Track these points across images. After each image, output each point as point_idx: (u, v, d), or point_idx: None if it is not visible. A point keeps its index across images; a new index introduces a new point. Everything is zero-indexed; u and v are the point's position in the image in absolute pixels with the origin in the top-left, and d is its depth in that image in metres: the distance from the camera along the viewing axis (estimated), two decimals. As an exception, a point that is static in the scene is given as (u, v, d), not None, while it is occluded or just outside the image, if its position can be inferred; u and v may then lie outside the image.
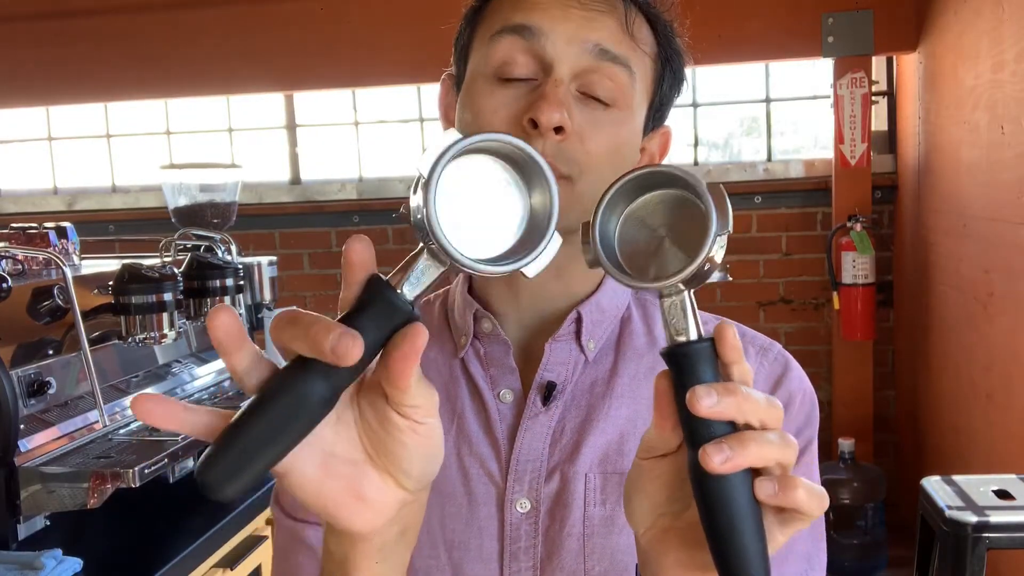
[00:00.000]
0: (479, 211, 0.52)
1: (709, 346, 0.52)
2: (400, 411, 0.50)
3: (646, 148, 0.81)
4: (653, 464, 0.55)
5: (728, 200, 0.51)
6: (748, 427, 0.51)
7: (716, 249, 0.50)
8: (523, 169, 0.52)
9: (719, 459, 0.49)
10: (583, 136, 0.72)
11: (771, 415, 0.51)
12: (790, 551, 0.76)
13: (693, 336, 0.52)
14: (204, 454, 0.46)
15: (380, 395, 0.50)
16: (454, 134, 0.49)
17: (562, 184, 0.72)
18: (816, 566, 0.78)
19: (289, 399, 0.47)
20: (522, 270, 0.52)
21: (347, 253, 0.49)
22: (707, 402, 0.49)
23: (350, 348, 0.45)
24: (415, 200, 0.49)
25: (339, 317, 0.49)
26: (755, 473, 0.51)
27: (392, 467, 0.51)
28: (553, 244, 0.52)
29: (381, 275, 0.50)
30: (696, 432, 0.51)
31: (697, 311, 0.53)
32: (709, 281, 0.54)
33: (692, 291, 0.52)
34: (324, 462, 0.50)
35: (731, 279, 3.62)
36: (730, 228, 0.51)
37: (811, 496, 0.51)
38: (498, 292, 0.81)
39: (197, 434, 0.49)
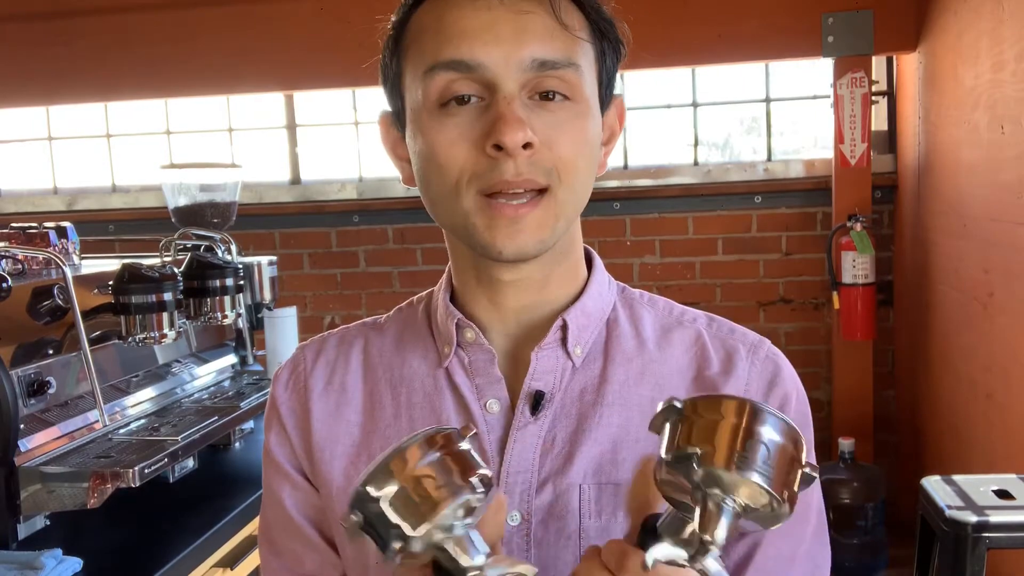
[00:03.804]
0: None
1: None
2: None
3: (605, 122, 0.79)
4: None
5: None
6: None
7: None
8: None
9: None
10: (550, 143, 0.70)
11: None
12: (795, 555, 0.76)
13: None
14: None
15: None
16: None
17: (543, 198, 0.71)
18: (822, 566, 0.79)
19: None
20: None
21: None
22: None
23: None
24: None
25: None
26: None
27: None
28: None
29: None
30: None
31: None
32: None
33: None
34: None
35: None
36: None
37: None
38: (481, 302, 0.79)
39: None
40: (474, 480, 0.52)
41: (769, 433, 0.51)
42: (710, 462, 0.50)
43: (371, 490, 0.52)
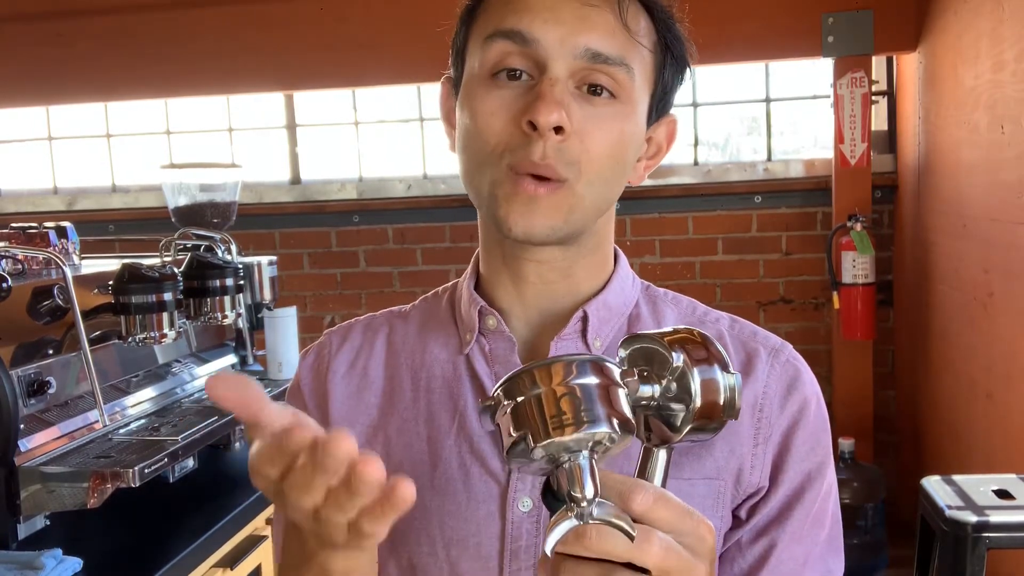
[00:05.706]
0: None
1: None
2: None
3: (652, 138, 0.81)
4: None
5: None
6: None
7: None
8: None
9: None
10: (583, 135, 0.71)
11: None
12: (808, 558, 0.77)
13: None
14: None
15: None
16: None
17: (561, 188, 0.72)
18: (834, 570, 0.80)
19: None
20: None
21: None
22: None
23: None
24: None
25: None
26: None
27: None
28: None
29: None
30: None
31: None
32: None
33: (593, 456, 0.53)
34: None
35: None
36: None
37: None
38: (504, 289, 0.80)
39: None
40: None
41: (572, 381, 0.52)
42: (538, 439, 0.51)
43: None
